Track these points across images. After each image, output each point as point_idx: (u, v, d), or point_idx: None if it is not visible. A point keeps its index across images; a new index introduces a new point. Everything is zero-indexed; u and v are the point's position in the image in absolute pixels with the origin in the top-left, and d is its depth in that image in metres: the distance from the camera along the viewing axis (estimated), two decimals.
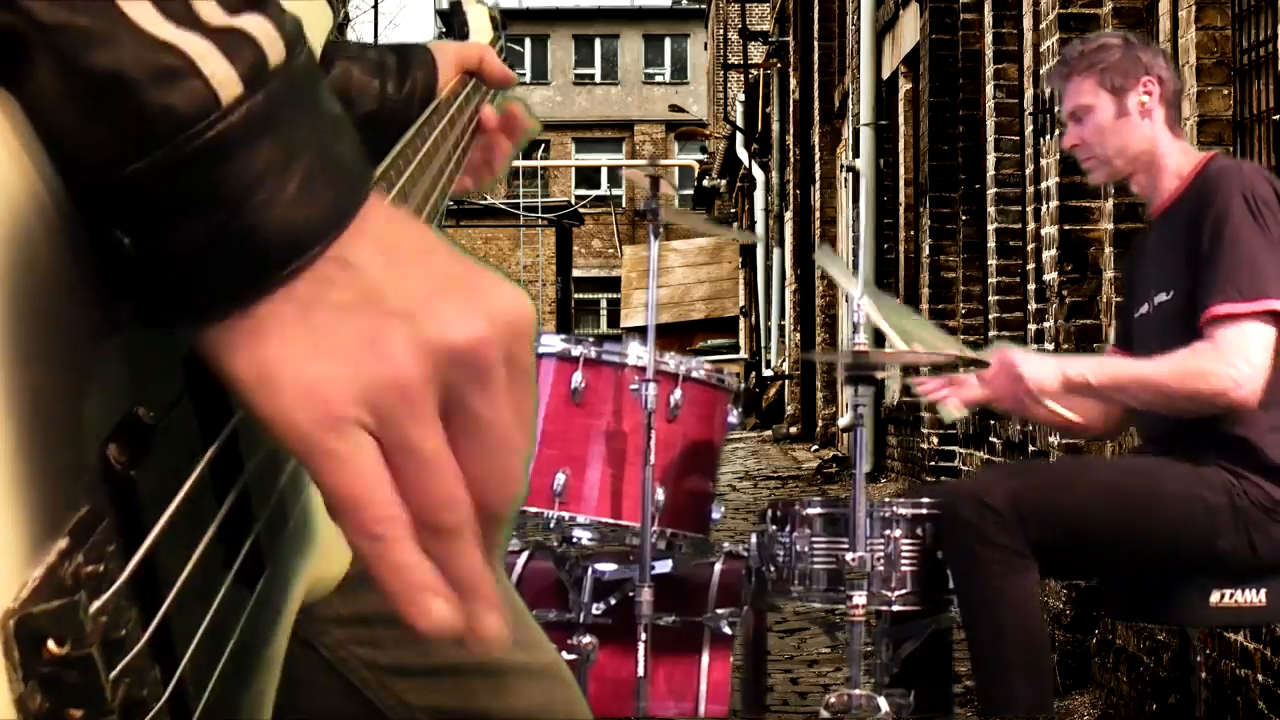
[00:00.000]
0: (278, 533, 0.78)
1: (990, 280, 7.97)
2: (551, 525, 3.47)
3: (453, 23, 1.60)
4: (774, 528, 3.45)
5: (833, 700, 3.23)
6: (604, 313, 42.59)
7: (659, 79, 46.17)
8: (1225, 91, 5.05)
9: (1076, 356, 3.25)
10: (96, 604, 0.58)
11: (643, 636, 3.44)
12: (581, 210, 31.97)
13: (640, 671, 3.44)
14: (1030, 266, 7.09)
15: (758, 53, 25.03)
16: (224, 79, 0.60)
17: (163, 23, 0.60)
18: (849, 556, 3.24)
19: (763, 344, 22.28)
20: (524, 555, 3.77)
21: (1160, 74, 3.31)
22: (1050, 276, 6.40)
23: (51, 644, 0.56)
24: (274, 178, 0.62)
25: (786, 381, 19.06)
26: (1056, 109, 6.24)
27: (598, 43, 46.30)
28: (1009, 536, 3.08)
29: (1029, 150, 7.04)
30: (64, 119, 0.59)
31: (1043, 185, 6.65)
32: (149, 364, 0.65)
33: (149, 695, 0.61)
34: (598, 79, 46.25)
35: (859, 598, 3.23)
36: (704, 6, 38.55)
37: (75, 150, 0.59)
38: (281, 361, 0.63)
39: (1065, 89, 3.37)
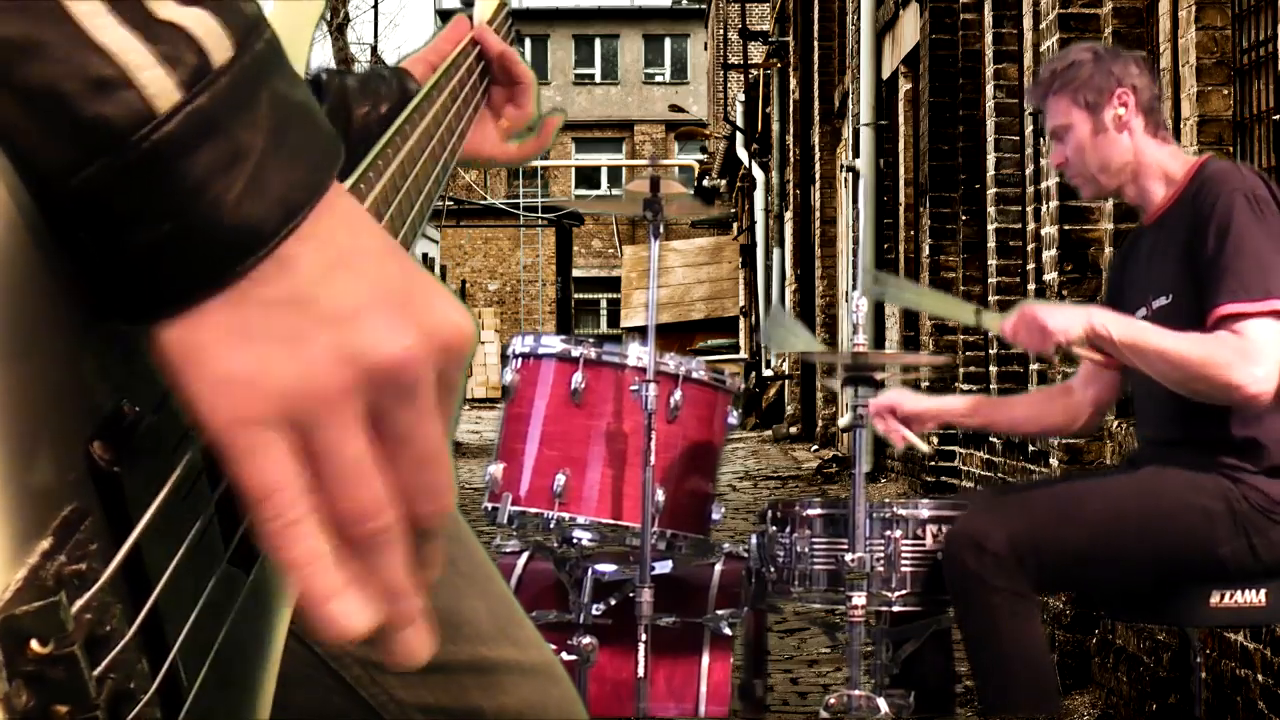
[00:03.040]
0: None
1: (990, 280, 7.97)
2: (551, 526, 3.47)
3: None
4: (774, 528, 3.45)
5: (833, 701, 3.23)
6: (604, 313, 42.59)
7: (659, 79, 46.17)
8: (1225, 91, 5.05)
9: (1102, 310, 3.23)
10: (79, 602, 0.59)
11: (643, 637, 3.44)
12: (581, 210, 31.97)
13: (640, 672, 3.44)
14: (1030, 266, 7.09)
15: (758, 53, 25.03)
16: (160, 88, 0.61)
17: (105, 19, 0.60)
18: (849, 557, 3.24)
19: (763, 344, 22.28)
20: (524, 556, 3.77)
21: (1134, 83, 3.30)
22: (1050, 276, 6.40)
23: (34, 643, 0.57)
24: (219, 180, 0.62)
25: (786, 381, 19.06)
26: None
27: (598, 43, 46.30)
28: (1010, 580, 3.09)
29: (1029, 150, 7.04)
30: (10, 130, 0.60)
31: (1043, 185, 6.65)
32: (133, 360, 0.65)
33: (136, 687, 0.62)
34: (598, 79, 46.25)
35: (859, 598, 3.23)
36: (704, 6, 38.55)
37: (25, 159, 0.60)
38: (206, 348, 0.63)
39: (1045, 109, 3.39)
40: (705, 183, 30.71)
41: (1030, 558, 3.10)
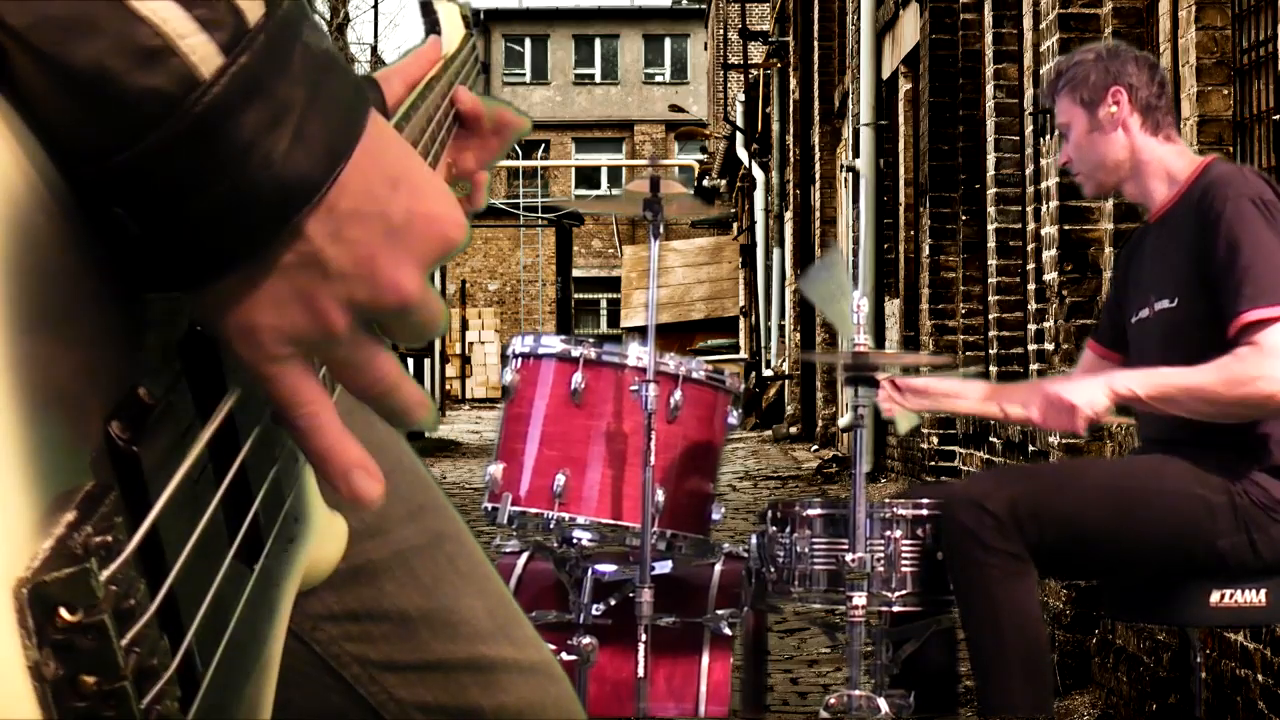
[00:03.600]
0: (274, 513, 0.79)
1: (990, 280, 7.97)
2: (551, 526, 3.46)
3: (426, 20, 1.61)
4: (774, 528, 3.45)
5: (833, 701, 3.23)
6: (604, 313, 42.57)
7: (659, 79, 46.15)
8: (1225, 91, 5.05)
9: (1117, 372, 3.21)
10: (106, 572, 0.59)
11: (643, 637, 3.44)
12: (581, 210, 31.96)
13: (640, 672, 3.44)
14: (1030, 266, 7.09)
15: (758, 53, 25.02)
16: (204, 54, 0.61)
17: None
18: (849, 557, 3.24)
19: (763, 344, 22.28)
20: (524, 556, 3.77)
21: (1130, 82, 3.32)
22: (1050, 276, 6.40)
23: (64, 611, 0.57)
24: (266, 136, 0.63)
25: (786, 381, 19.06)
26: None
27: (598, 43, 46.28)
28: (1007, 541, 3.09)
29: (1029, 150, 7.04)
30: (53, 114, 0.60)
31: (1043, 185, 6.65)
32: (148, 346, 0.66)
33: (159, 664, 0.62)
34: (598, 79, 46.24)
35: (859, 598, 3.23)
36: (704, 6, 38.54)
37: (69, 142, 0.60)
38: (230, 304, 0.68)
39: (1056, 107, 3.43)
40: (705, 183, 30.72)
41: (1030, 522, 3.10)
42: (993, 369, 7.88)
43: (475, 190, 1.53)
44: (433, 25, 1.62)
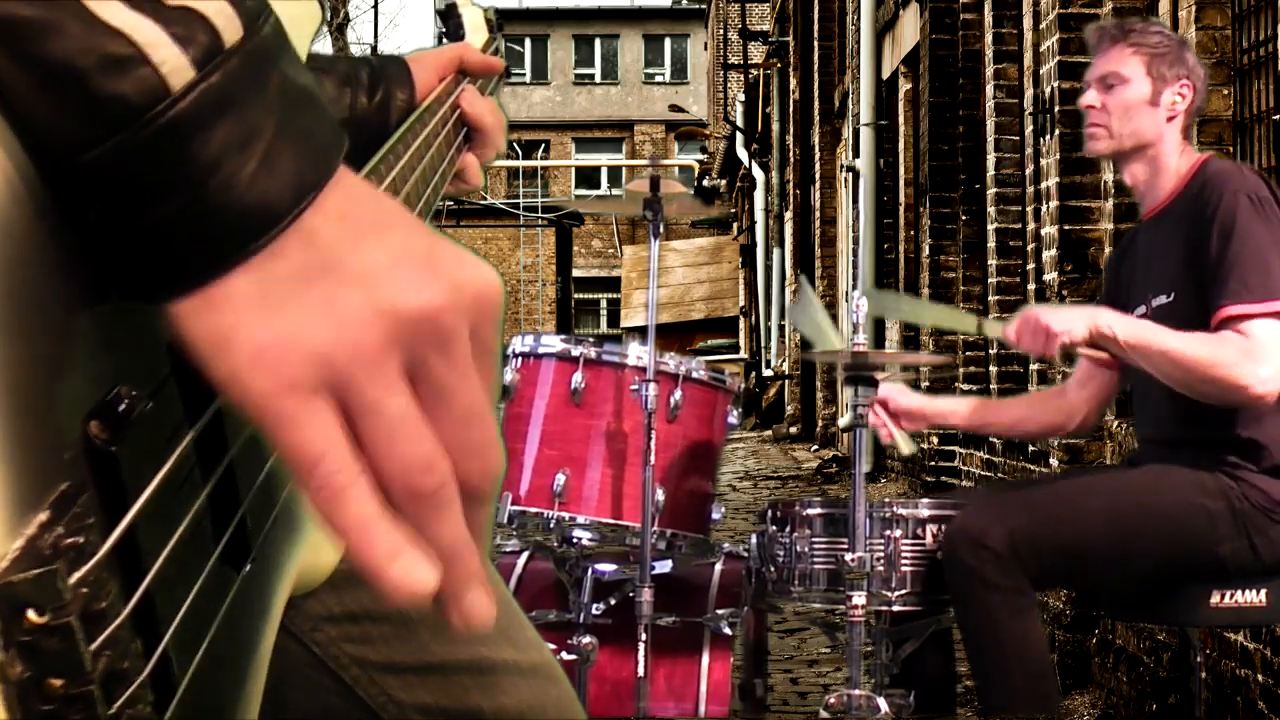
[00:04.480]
0: (264, 518, 0.78)
1: (990, 280, 7.97)
2: (551, 526, 3.46)
3: (449, 24, 1.60)
4: (774, 528, 3.45)
5: (833, 700, 3.23)
6: (604, 313, 42.57)
7: (659, 79, 46.16)
8: (1225, 91, 5.05)
9: (1106, 310, 3.22)
10: (76, 575, 0.58)
11: (643, 637, 3.44)
12: (581, 210, 31.96)
13: (640, 672, 3.44)
14: (1030, 266, 7.09)
15: (758, 53, 25.02)
16: (174, 66, 0.61)
17: (113, 4, 0.60)
18: (849, 557, 3.24)
19: (763, 344, 22.27)
20: (524, 556, 3.77)
21: (1197, 83, 3.33)
22: (1050, 276, 6.40)
23: (31, 613, 0.57)
24: (233, 158, 0.62)
25: (786, 381, 19.05)
26: (1056, 108, 6.24)
27: (598, 43, 46.28)
28: (1009, 577, 3.09)
29: (1029, 150, 7.04)
30: (24, 107, 0.60)
31: (1043, 185, 6.65)
32: (134, 345, 0.66)
33: (130, 668, 0.61)
34: (598, 79, 46.24)
35: (859, 598, 3.23)
36: (704, 6, 38.54)
37: (37, 137, 0.60)
38: (238, 326, 0.63)
39: (1106, 52, 3.36)
40: (705, 183, 30.71)
41: (1029, 555, 3.10)
42: (992, 369, 7.88)
43: (470, 171, 1.52)
44: (456, 29, 1.61)
